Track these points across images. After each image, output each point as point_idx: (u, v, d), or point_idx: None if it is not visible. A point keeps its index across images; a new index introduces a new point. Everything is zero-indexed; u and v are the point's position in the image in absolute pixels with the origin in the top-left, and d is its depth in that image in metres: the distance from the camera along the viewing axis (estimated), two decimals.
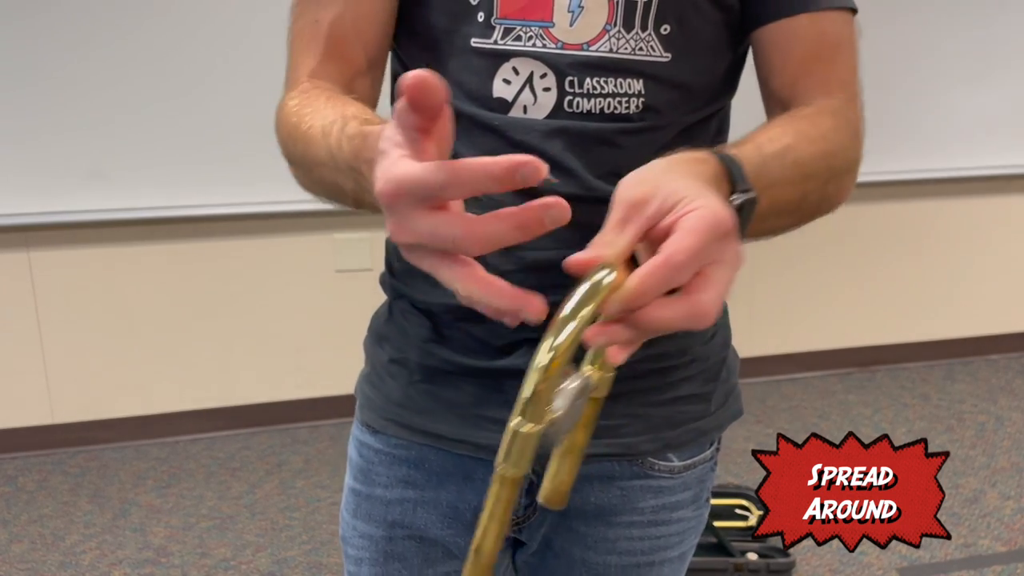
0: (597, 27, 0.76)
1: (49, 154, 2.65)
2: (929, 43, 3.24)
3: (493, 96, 0.77)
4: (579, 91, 0.76)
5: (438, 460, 0.86)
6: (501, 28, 0.76)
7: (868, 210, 3.43)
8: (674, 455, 0.88)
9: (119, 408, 2.92)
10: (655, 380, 0.84)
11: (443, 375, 0.85)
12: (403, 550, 0.89)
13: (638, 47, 0.77)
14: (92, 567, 2.30)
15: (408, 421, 0.86)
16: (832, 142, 0.75)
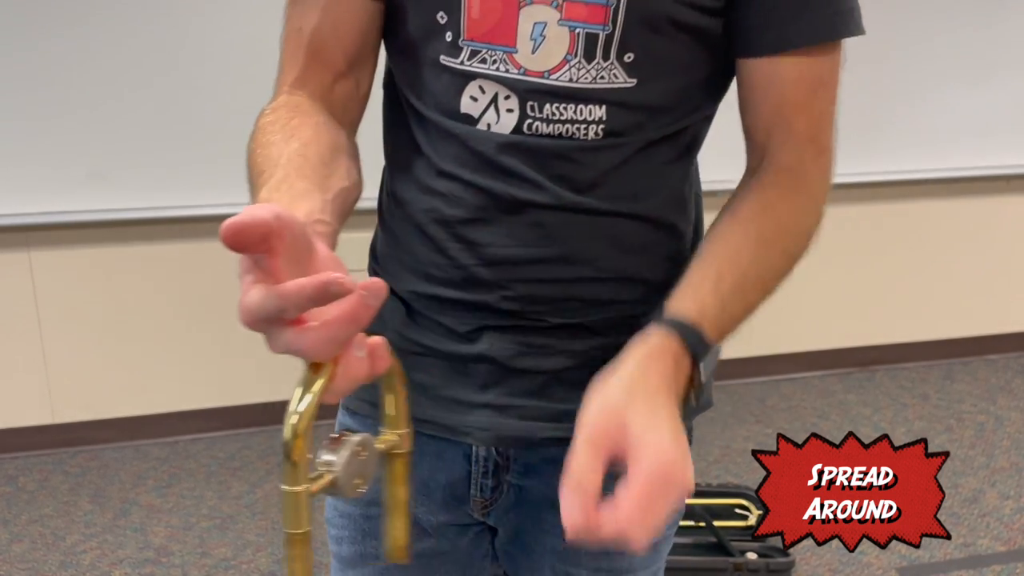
0: (558, 57, 0.76)
1: (49, 154, 2.65)
2: (929, 43, 3.25)
3: (460, 111, 0.80)
4: (539, 115, 0.78)
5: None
6: (468, 49, 0.77)
7: (868, 210, 3.44)
8: None
9: (119, 408, 2.92)
10: None
11: (414, 357, 0.87)
12: (379, 527, 0.91)
13: (599, 76, 0.77)
14: (93, 567, 2.30)
15: None
16: (792, 233, 0.80)
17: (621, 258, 0.84)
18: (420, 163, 0.84)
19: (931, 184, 3.42)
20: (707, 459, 2.84)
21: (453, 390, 0.86)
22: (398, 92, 0.86)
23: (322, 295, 0.48)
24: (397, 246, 0.88)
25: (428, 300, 0.85)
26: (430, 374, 0.87)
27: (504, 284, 0.82)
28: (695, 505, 2.23)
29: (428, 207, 0.83)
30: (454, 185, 0.82)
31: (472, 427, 0.86)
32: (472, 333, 0.84)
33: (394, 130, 0.88)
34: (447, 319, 0.85)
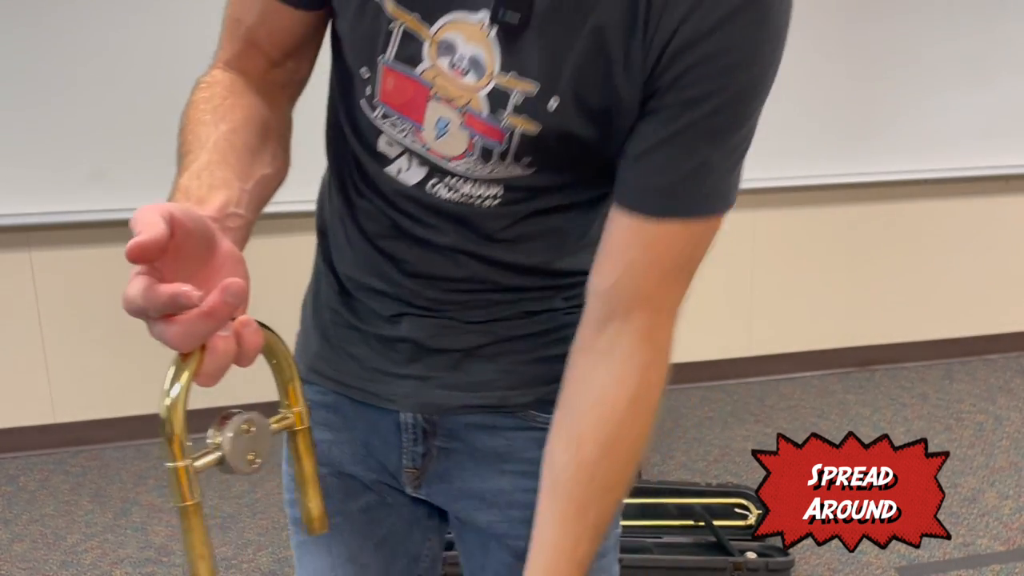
0: (458, 150, 0.78)
1: (50, 155, 2.65)
2: (930, 44, 3.25)
3: (376, 149, 0.82)
4: (441, 182, 0.81)
5: (348, 405, 0.95)
6: (382, 110, 0.79)
7: (868, 210, 3.44)
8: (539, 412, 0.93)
9: (120, 407, 2.92)
10: (529, 343, 0.91)
11: (348, 331, 0.94)
12: (327, 486, 0.96)
13: (495, 171, 0.78)
14: (93, 566, 2.31)
15: (323, 370, 0.96)
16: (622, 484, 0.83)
17: (526, 278, 0.88)
18: (347, 170, 0.89)
19: (931, 184, 3.42)
20: (707, 459, 2.85)
21: (381, 363, 0.92)
22: (336, 104, 0.90)
23: (172, 305, 0.55)
24: (336, 229, 0.93)
25: (358, 284, 0.91)
26: (361, 349, 0.93)
27: (418, 291, 0.88)
28: (695, 504, 2.23)
29: (350, 214, 0.89)
30: (371, 204, 0.86)
31: (397, 395, 0.92)
32: (395, 317, 0.90)
33: (333, 122, 0.92)
34: (373, 303, 0.90)
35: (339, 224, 0.92)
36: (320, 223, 0.98)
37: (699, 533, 2.19)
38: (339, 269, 0.93)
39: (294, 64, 0.86)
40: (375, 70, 0.77)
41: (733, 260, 3.33)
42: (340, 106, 0.88)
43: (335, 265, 0.94)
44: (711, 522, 2.15)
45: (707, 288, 4.02)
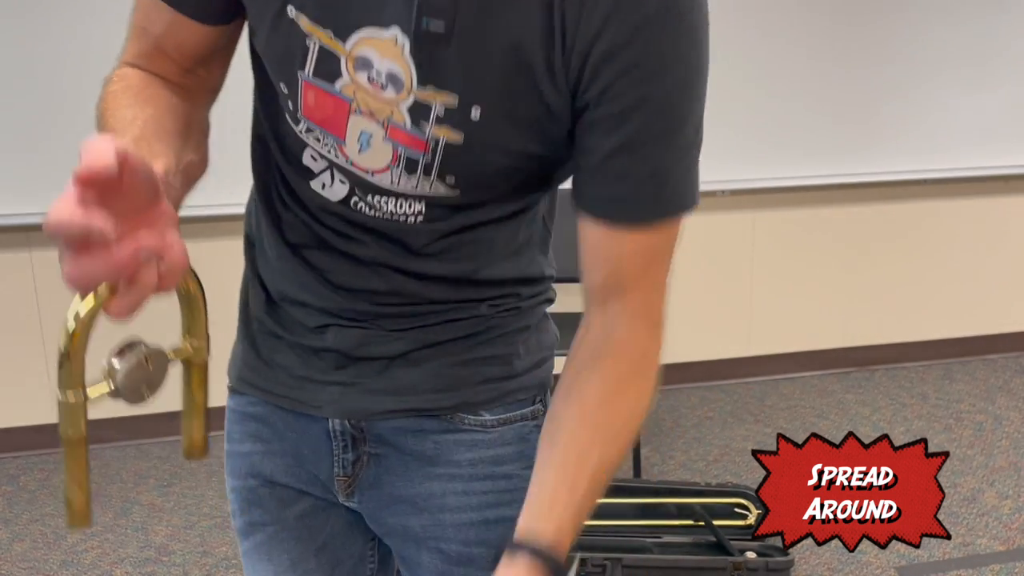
0: (382, 163, 0.77)
1: (50, 155, 2.65)
2: (929, 43, 3.25)
3: (302, 163, 0.82)
4: (364, 199, 0.81)
5: (279, 415, 0.95)
6: (304, 124, 0.79)
7: (868, 210, 3.44)
8: (484, 412, 0.92)
9: (120, 407, 2.91)
10: (455, 346, 0.90)
11: (274, 340, 0.94)
12: (259, 497, 0.98)
13: (419, 186, 0.78)
14: (94, 566, 2.31)
15: (252, 380, 0.97)
16: (634, 421, 0.81)
17: (452, 290, 0.88)
18: (272, 182, 0.88)
19: (931, 184, 3.43)
20: (707, 459, 2.85)
21: (307, 371, 0.92)
22: (259, 112, 0.90)
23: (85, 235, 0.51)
24: (262, 240, 0.93)
25: (282, 294, 0.91)
26: (287, 357, 0.93)
27: (344, 305, 0.88)
28: (695, 504, 2.24)
29: (276, 225, 0.89)
30: (295, 218, 0.86)
31: (324, 401, 0.91)
32: (319, 328, 0.90)
33: (257, 134, 0.92)
34: (298, 314, 0.90)
35: (265, 235, 0.92)
36: (248, 232, 0.97)
37: (699, 533, 2.19)
38: (265, 279, 0.93)
39: (205, 72, 0.86)
40: (295, 85, 0.76)
41: (733, 260, 3.33)
42: (264, 119, 0.88)
43: (261, 275, 0.94)
44: (711, 522, 2.15)
45: (707, 288, 4.03)
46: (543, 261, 0.94)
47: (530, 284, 0.93)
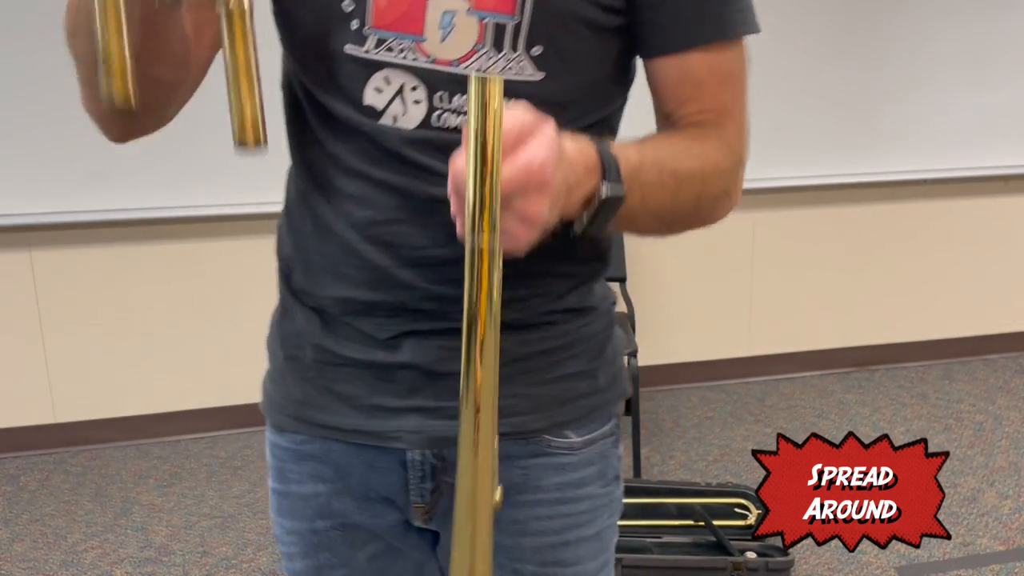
0: (467, 46, 0.76)
1: (50, 155, 2.66)
2: (929, 43, 3.25)
3: (364, 103, 0.78)
4: (448, 106, 0.77)
5: (342, 452, 0.89)
6: (374, 38, 0.76)
7: (868, 210, 3.44)
8: (571, 432, 0.89)
9: (120, 407, 2.92)
10: (539, 362, 0.86)
11: (334, 368, 0.86)
12: (329, 540, 0.92)
13: (508, 67, 0.77)
14: (94, 566, 2.31)
15: (307, 416, 0.89)
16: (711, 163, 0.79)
17: (539, 255, 0.83)
18: (327, 164, 0.83)
19: (931, 184, 3.42)
20: (707, 459, 2.85)
21: (378, 398, 0.85)
22: (298, 91, 0.85)
23: None
24: (308, 248, 0.87)
25: (344, 304, 0.84)
26: (354, 385, 0.86)
27: (421, 285, 0.81)
28: (695, 504, 2.24)
29: (341, 209, 0.82)
30: (364, 185, 0.80)
31: (402, 431, 0.85)
32: (393, 340, 0.83)
33: (297, 131, 0.87)
34: (366, 325, 0.84)
35: (315, 240, 0.86)
36: (286, 258, 0.92)
37: (699, 533, 2.19)
38: (319, 294, 0.86)
39: None
40: None
41: (733, 260, 3.34)
42: (311, 87, 0.83)
43: (313, 292, 0.87)
44: (711, 522, 2.15)
45: (707, 288, 4.03)
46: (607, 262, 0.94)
47: (603, 266, 0.91)
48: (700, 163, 0.78)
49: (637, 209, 0.73)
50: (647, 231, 0.80)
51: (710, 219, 0.84)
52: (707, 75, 0.81)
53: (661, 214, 0.78)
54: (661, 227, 0.81)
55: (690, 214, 0.81)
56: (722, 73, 0.81)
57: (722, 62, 0.81)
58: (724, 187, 0.82)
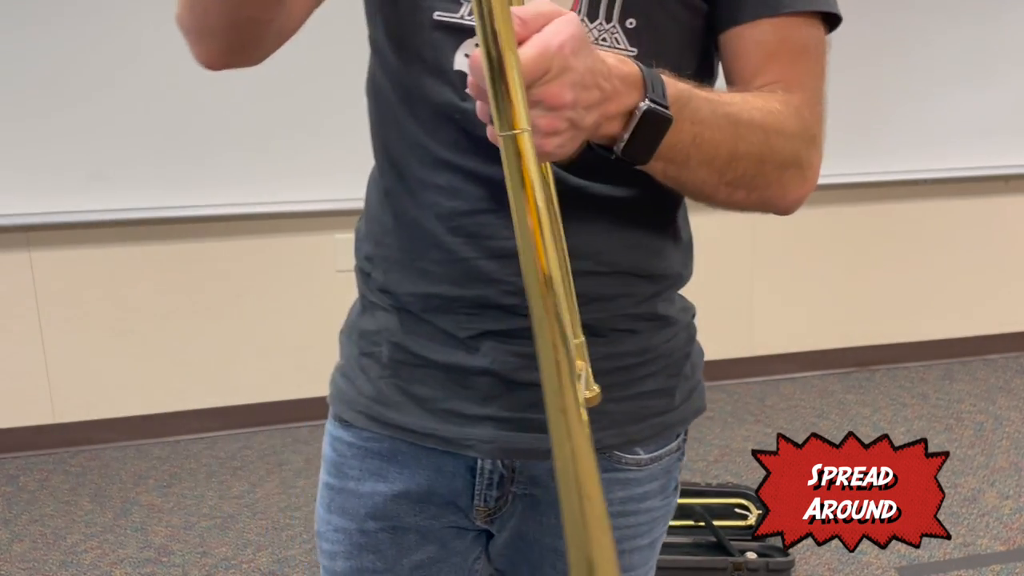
0: None
1: (50, 155, 2.66)
2: (929, 43, 3.25)
3: (453, 68, 0.78)
4: None
5: (410, 452, 0.88)
6: (468, 5, 0.76)
7: (868, 210, 3.44)
8: (640, 448, 0.89)
9: (120, 407, 2.92)
10: (618, 377, 0.85)
11: (411, 369, 0.86)
12: (377, 542, 0.90)
13: (601, 37, 0.77)
14: (93, 566, 2.31)
15: (378, 414, 0.88)
16: (777, 120, 0.75)
17: (623, 252, 0.83)
18: (416, 157, 0.82)
19: (931, 184, 3.42)
20: (707, 459, 2.85)
21: (454, 403, 0.84)
22: (384, 86, 0.85)
23: None
24: (389, 245, 0.86)
25: (426, 300, 0.83)
26: (429, 387, 0.85)
27: (504, 277, 0.80)
28: (695, 505, 2.23)
29: (426, 202, 0.82)
30: (453, 176, 0.80)
31: (475, 439, 0.84)
32: (473, 340, 0.83)
33: (385, 128, 0.87)
34: (447, 322, 0.83)
35: (398, 237, 0.85)
36: (365, 258, 0.91)
37: (699, 533, 2.19)
38: (400, 292, 0.85)
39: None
40: None
41: (733, 260, 3.33)
42: (393, 87, 0.83)
43: (394, 290, 0.86)
44: (711, 522, 2.15)
45: (707, 288, 4.03)
46: (690, 270, 0.92)
47: (687, 271, 0.90)
48: (762, 116, 0.74)
49: (688, 148, 0.70)
50: (701, 185, 0.74)
51: (780, 192, 0.79)
52: (779, 46, 0.78)
53: (718, 163, 0.72)
54: (720, 183, 0.75)
55: (753, 174, 0.75)
56: (795, 47, 0.79)
57: (796, 36, 0.79)
58: (793, 154, 0.77)
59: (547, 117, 0.59)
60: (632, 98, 0.65)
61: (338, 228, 2.90)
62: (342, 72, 2.78)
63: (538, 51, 0.57)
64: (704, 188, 0.75)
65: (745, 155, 0.73)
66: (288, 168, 2.78)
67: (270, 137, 2.74)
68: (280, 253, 2.93)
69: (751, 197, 0.78)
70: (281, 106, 2.70)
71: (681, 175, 0.72)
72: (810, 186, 0.81)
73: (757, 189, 0.77)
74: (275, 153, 2.76)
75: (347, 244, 3.55)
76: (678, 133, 0.68)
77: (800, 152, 0.78)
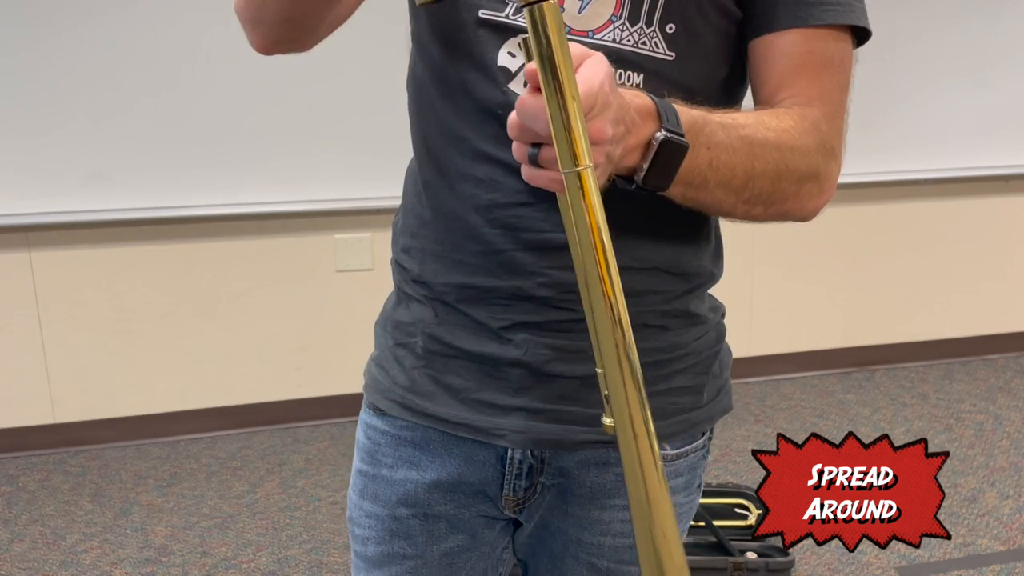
0: (604, 17, 0.78)
1: (50, 155, 2.65)
2: (930, 43, 3.25)
3: (497, 64, 0.79)
4: None
5: (441, 441, 0.89)
6: (513, 5, 0.78)
7: (868, 210, 3.44)
8: (667, 444, 0.90)
9: (120, 408, 2.92)
10: (647, 372, 0.85)
11: (444, 360, 0.87)
12: (408, 528, 0.92)
13: (641, 41, 0.78)
14: (93, 566, 2.31)
15: (412, 404, 0.90)
16: (791, 137, 0.77)
17: (655, 248, 0.84)
18: (456, 149, 0.84)
19: (931, 184, 3.42)
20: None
21: (486, 393, 0.86)
22: (427, 83, 0.86)
23: None
24: (427, 237, 0.88)
25: (462, 291, 0.85)
26: (462, 377, 0.87)
27: (539, 270, 0.82)
28: None
29: (465, 193, 0.83)
30: (493, 168, 0.81)
31: (506, 430, 0.85)
32: (506, 331, 0.84)
33: (425, 121, 0.88)
34: (481, 313, 0.84)
35: (435, 229, 0.86)
36: (402, 250, 0.92)
37: (699, 533, 2.19)
38: (435, 283, 0.87)
39: None
40: None
41: (733, 260, 3.32)
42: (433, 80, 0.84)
43: (429, 281, 0.87)
44: (711, 522, 2.15)
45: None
46: (720, 269, 0.93)
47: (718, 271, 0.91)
48: (776, 135, 0.76)
49: (705, 171, 0.71)
50: (720, 205, 0.76)
51: (797, 205, 0.80)
52: (806, 58, 0.80)
53: (735, 184, 0.74)
54: (738, 202, 0.77)
55: (770, 191, 0.77)
56: (821, 59, 0.81)
57: (823, 48, 0.80)
58: (810, 168, 0.79)
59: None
60: (649, 129, 0.67)
61: (338, 228, 2.90)
62: (343, 73, 2.78)
63: (586, 89, 0.59)
64: (723, 207, 0.77)
65: (762, 174, 0.75)
66: (288, 168, 2.78)
67: (270, 137, 2.74)
68: (280, 253, 2.93)
69: (769, 211, 0.80)
70: (281, 106, 2.70)
71: (700, 197, 0.74)
72: (828, 196, 0.83)
73: (775, 204, 0.79)
74: (275, 153, 2.76)
75: (346, 244, 3.57)
76: (694, 158, 0.69)
77: (818, 166, 0.79)
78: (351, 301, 2.93)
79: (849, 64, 0.83)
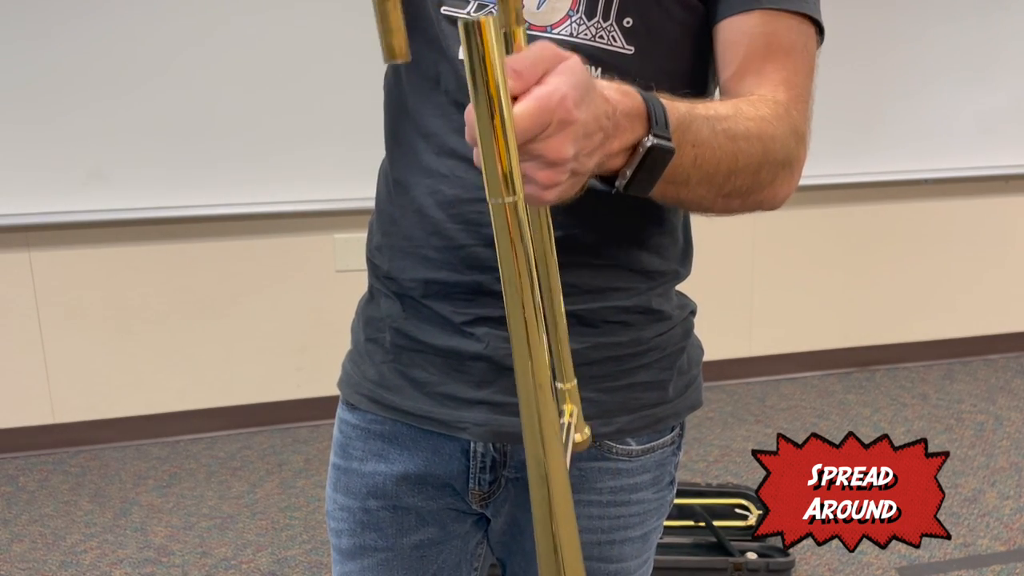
0: (561, 12, 0.78)
1: (49, 155, 2.65)
2: (929, 43, 3.25)
3: (459, 58, 0.80)
4: None
5: (409, 434, 0.91)
6: (475, 2, 0.79)
7: (868, 210, 3.44)
8: (632, 439, 0.90)
9: (120, 408, 2.92)
10: (610, 367, 0.87)
11: (411, 354, 0.89)
12: (378, 520, 0.93)
13: (598, 35, 0.79)
14: (93, 566, 2.30)
15: (380, 397, 0.91)
16: (770, 126, 0.75)
17: (617, 245, 0.85)
18: (424, 145, 0.85)
19: (931, 184, 3.42)
20: (707, 459, 2.84)
21: (449, 387, 0.87)
22: (401, 78, 0.87)
23: None
24: (395, 234, 0.89)
25: (427, 286, 0.86)
26: (427, 371, 0.88)
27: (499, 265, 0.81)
28: (695, 505, 2.23)
29: (429, 189, 0.84)
30: (457, 163, 0.82)
31: (468, 423, 0.87)
32: (468, 325, 0.85)
33: (398, 121, 0.89)
34: (444, 308, 0.85)
35: (403, 225, 0.87)
36: (375, 248, 0.93)
37: (699, 533, 2.19)
38: (402, 279, 0.88)
39: None
40: None
41: (733, 260, 3.33)
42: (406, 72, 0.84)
43: (397, 277, 0.89)
44: (711, 522, 2.15)
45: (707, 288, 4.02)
46: (688, 268, 0.93)
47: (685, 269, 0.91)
48: (756, 125, 0.73)
49: (689, 169, 0.69)
50: (699, 200, 0.74)
51: (771, 193, 0.79)
52: (768, 40, 0.79)
53: (717, 179, 0.72)
54: (718, 196, 0.74)
55: (750, 184, 0.75)
56: (784, 44, 0.80)
57: (784, 33, 0.80)
58: (785, 155, 0.77)
59: (546, 171, 0.56)
60: (636, 133, 0.63)
61: (338, 228, 2.90)
62: (343, 73, 2.78)
63: (538, 106, 0.52)
64: (702, 203, 0.75)
65: (744, 168, 0.73)
66: (288, 168, 2.78)
67: (270, 137, 2.74)
68: (280, 253, 2.93)
69: (746, 202, 0.78)
70: (281, 106, 2.70)
71: (680, 193, 0.72)
72: (796, 181, 0.82)
73: (752, 195, 0.78)
74: (275, 153, 2.76)
75: (346, 244, 3.58)
76: (680, 157, 0.67)
77: (791, 152, 0.78)
78: (351, 301, 2.92)
79: (812, 52, 0.82)
